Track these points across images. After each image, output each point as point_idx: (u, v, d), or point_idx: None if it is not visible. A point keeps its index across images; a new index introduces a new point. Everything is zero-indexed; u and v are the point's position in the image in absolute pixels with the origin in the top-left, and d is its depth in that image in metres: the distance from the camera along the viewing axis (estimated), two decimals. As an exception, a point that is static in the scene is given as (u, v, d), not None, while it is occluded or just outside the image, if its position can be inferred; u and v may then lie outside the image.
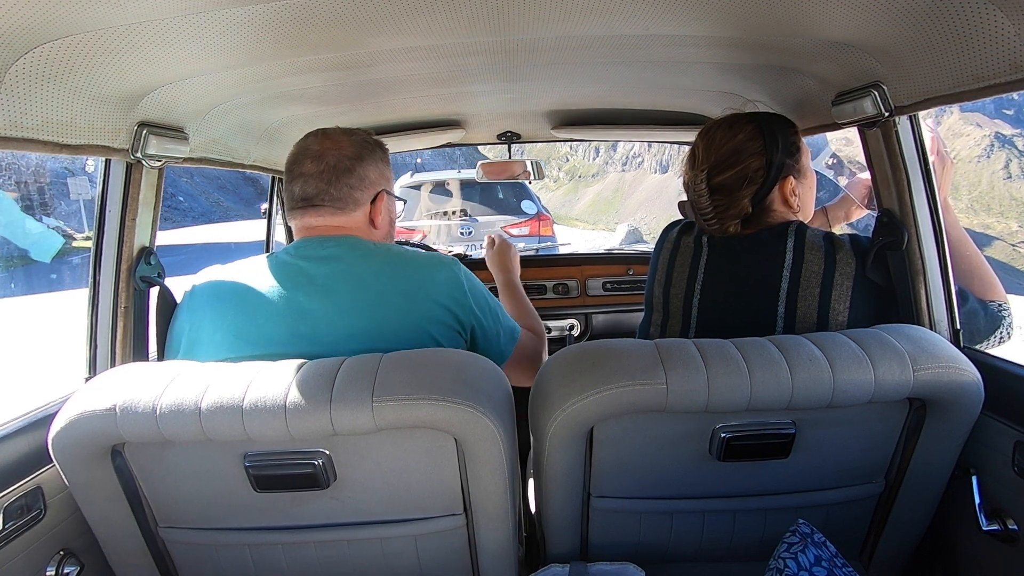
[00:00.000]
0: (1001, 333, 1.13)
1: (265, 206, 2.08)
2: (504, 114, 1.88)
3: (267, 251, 2.02)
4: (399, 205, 1.20)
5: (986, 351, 1.08)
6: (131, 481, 0.89)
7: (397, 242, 2.27)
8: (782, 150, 1.08)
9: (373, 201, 1.07)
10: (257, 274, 1.00)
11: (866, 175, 1.42)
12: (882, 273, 1.08)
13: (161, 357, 1.20)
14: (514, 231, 6.52)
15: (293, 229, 1.07)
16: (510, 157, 2.42)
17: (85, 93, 0.91)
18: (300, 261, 0.99)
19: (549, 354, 1.11)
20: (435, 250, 2.43)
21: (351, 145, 1.05)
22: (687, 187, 1.14)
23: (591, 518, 1.01)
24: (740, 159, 1.07)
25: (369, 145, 1.08)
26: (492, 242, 1.61)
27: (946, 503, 1.02)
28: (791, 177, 1.10)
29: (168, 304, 1.19)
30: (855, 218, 1.50)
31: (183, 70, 1.00)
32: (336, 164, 1.03)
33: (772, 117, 1.12)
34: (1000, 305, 1.14)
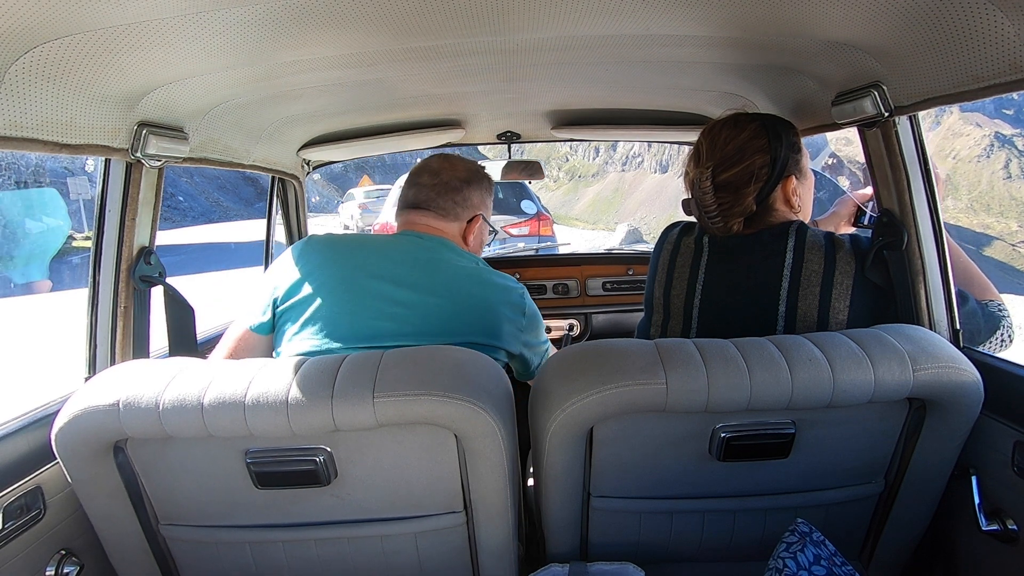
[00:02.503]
0: (1002, 335, 1.13)
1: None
2: (504, 114, 1.88)
3: (267, 251, 2.02)
4: (489, 233, 1.37)
5: (993, 355, 1.08)
6: (133, 477, 0.89)
7: None
8: (785, 148, 1.08)
9: (470, 221, 1.23)
10: (370, 243, 1.15)
11: (852, 195, 1.48)
12: (882, 273, 1.08)
13: (182, 352, 1.21)
14: (514, 231, 6.53)
15: (396, 223, 1.25)
16: (510, 157, 2.42)
17: (85, 93, 0.91)
18: (407, 245, 1.14)
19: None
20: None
21: (464, 170, 1.24)
22: (692, 185, 1.13)
23: (591, 518, 1.01)
24: (745, 156, 1.08)
25: (479, 175, 1.27)
26: None
27: (946, 503, 1.02)
28: (793, 176, 1.10)
29: (178, 302, 1.19)
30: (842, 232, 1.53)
31: (183, 70, 1.00)
32: (448, 182, 1.22)
33: (774, 117, 1.12)
34: (999, 305, 1.14)
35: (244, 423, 0.80)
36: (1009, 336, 1.13)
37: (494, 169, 2.32)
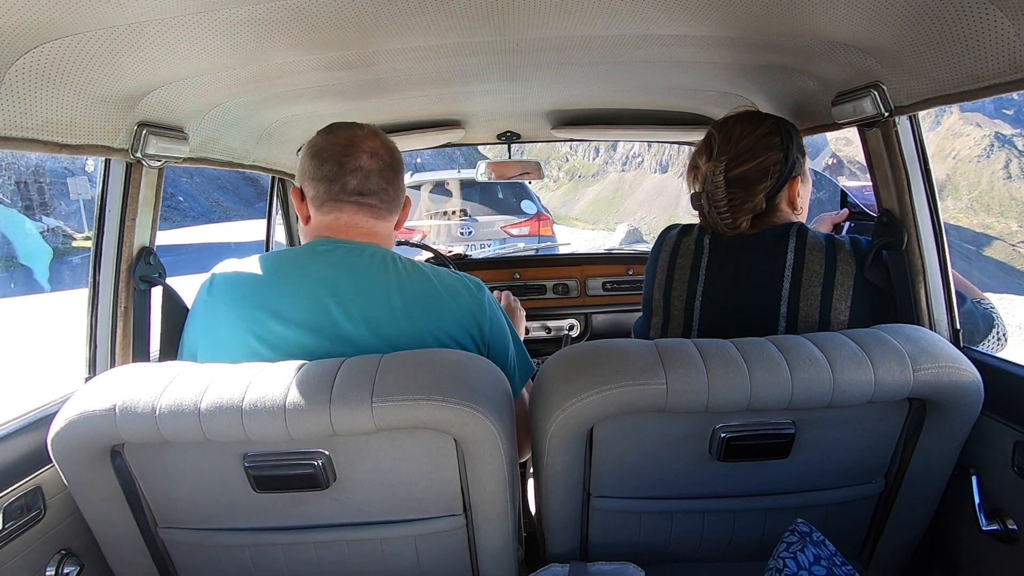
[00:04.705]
0: (997, 332, 1.14)
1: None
2: (504, 114, 1.88)
3: (267, 251, 2.02)
4: None
5: (993, 354, 1.09)
6: (131, 481, 0.89)
7: (403, 242, 2.25)
8: (796, 148, 1.09)
9: (404, 205, 1.08)
10: (278, 273, 0.96)
11: (830, 215, 1.51)
12: (881, 274, 1.08)
13: (171, 354, 1.19)
14: (514, 231, 6.53)
15: (325, 222, 1.01)
16: (510, 157, 2.42)
17: (85, 93, 0.91)
18: (324, 270, 0.95)
19: (549, 355, 1.11)
20: (422, 246, 2.41)
21: (393, 146, 1.04)
22: (704, 179, 1.11)
23: (591, 518, 1.01)
24: (759, 152, 1.07)
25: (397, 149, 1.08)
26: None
27: (946, 503, 1.02)
28: (799, 178, 1.11)
29: (174, 303, 1.19)
30: None
31: (183, 70, 1.00)
32: (391, 164, 1.02)
33: (782, 118, 1.13)
34: (990, 304, 1.17)
35: (242, 428, 0.79)
36: (1004, 334, 1.15)
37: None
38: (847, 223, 1.51)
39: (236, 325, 0.94)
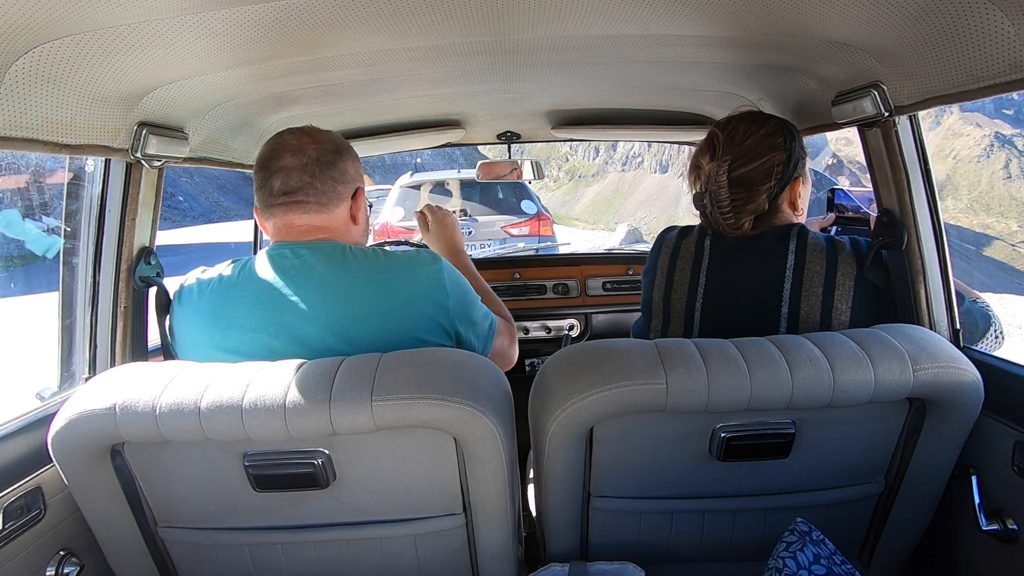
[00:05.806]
0: (995, 330, 1.14)
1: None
2: (504, 114, 1.88)
3: (256, 252, 2.00)
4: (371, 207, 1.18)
5: (993, 354, 1.09)
6: (131, 481, 0.89)
7: (395, 241, 2.26)
8: (799, 149, 1.09)
9: (354, 197, 1.05)
10: (233, 282, 0.97)
11: (817, 219, 1.51)
12: (881, 275, 1.08)
13: (163, 353, 1.20)
14: (514, 231, 6.53)
15: (270, 230, 1.03)
16: (510, 157, 2.42)
17: (85, 93, 0.91)
18: (276, 272, 0.95)
19: (549, 355, 1.11)
20: (421, 245, 2.40)
21: (329, 140, 1.03)
22: (707, 178, 1.11)
23: (591, 518, 1.01)
24: (763, 152, 1.07)
25: (344, 142, 1.06)
26: (424, 218, 1.39)
27: (946, 503, 1.02)
28: (800, 179, 1.11)
29: (165, 303, 1.19)
30: None
31: (183, 70, 1.00)
32: (319, 157, 1.00)
33: (784, 119, 1.13)
34: (986, 303, 1.17)
35: (241, 427, 0.80)
36: (1001, 331, 1.15)
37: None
38: (834, 227, 1.49)
39: (198, 337, 0.98)
